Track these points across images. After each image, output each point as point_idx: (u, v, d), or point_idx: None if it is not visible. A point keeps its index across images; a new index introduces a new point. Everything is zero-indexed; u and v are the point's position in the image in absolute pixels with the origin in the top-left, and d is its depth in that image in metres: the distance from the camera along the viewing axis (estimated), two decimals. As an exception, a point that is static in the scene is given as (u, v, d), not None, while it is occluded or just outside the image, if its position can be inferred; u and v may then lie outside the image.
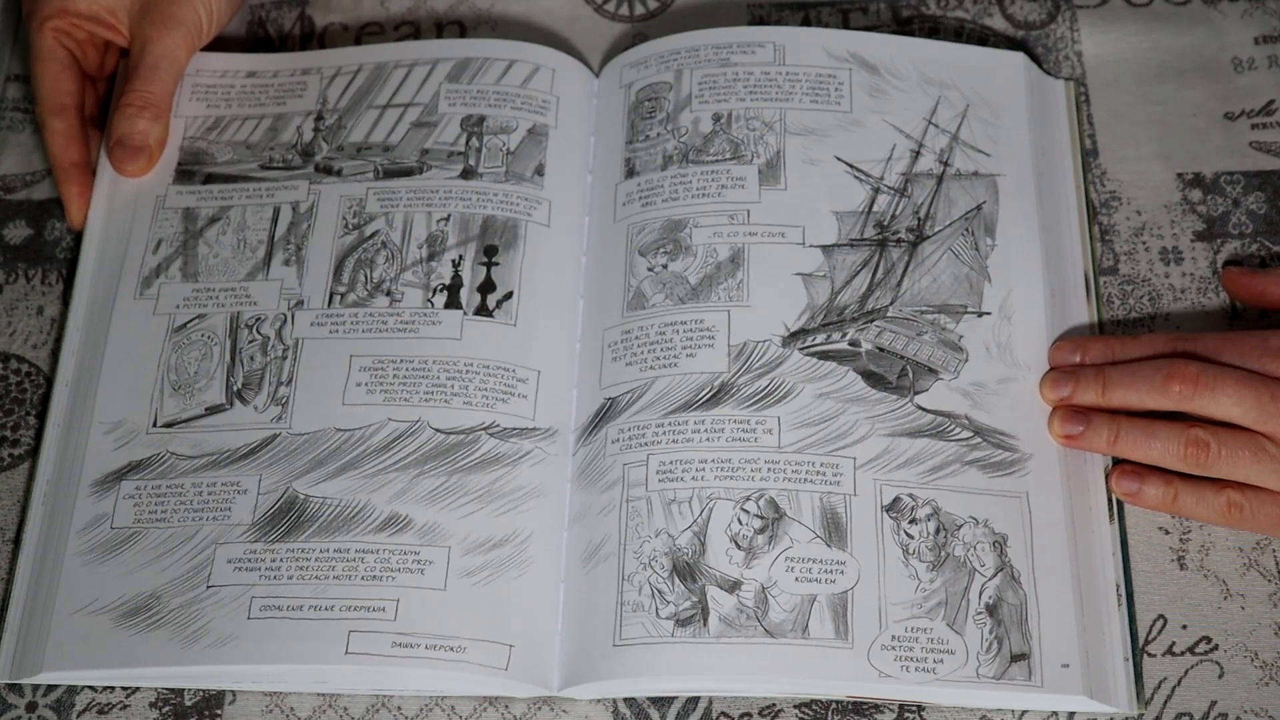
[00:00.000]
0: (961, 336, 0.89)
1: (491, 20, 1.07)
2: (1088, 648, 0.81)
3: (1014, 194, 0.93)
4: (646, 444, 0.86)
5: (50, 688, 0.85)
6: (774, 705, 0.83)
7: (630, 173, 0.96)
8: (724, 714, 0.83)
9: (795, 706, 0.83)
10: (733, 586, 0.82)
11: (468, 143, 0.97)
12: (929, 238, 0.92)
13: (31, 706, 0.84)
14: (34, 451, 0.91)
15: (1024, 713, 0.82)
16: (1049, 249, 0.92)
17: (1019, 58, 0.98)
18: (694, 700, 0.83)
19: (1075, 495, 0.85)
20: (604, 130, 0.98)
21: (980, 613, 0.81)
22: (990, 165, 0.94)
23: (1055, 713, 0.82)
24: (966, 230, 0.92)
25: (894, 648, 0.80)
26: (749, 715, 0.83)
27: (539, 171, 0.96)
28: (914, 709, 0.83)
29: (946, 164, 0.94)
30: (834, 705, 0.83)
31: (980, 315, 0.89)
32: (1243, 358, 0.84)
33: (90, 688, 0.84)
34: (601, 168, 0.97)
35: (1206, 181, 0.97)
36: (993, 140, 0.95)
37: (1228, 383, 0.82)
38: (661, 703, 0.84)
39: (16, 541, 0.88)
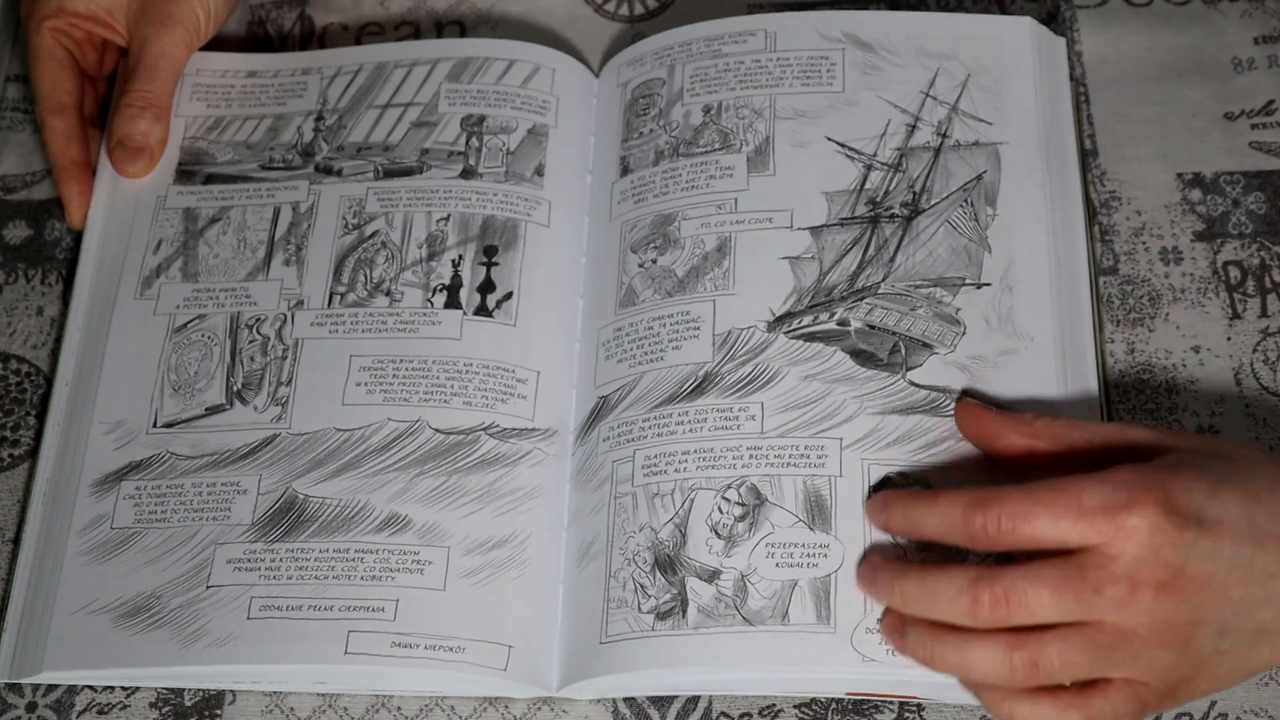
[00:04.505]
0: (959, 309, 0.87)
1: (491, 20, 1.07)
2: None
3: (1018, 161, 0.92)
4: (633, 440, 0.86)
5: (50, 688, 0.85)
6: (774, 705, 0.83)
7: (625, 171, 0.96)
8: (724, 714, 0.83)
9: (795, 706, 0.83)
10: (711, 576, 0.81)
11: (468, 143, 0.97)
12: (924, 211, 0.90)
13: (31, 706, 0.84)
14: (34, 451, 0.91)
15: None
16: (1056, 214, 0.91)
17: (1026, 22, 0.96)
18: (694, 700, 0.83)
19: None
20: (603, 130, 0.98)
21: None
22: (992, 134, 0.93)
23: None
24: (965, 201, 0.90)
25: (878, 631, 0.78)
26: (749, 715, 0.83)
27: (539, 172, 0.96)
28: (914, 708, 0.83)
29: (945, 136, 0.93)
30: (834, 705, 0.83)
31: (979, 287, 0.88)
32: (1056, 523, 0.72)
33: (90, 688, 0.85)
34: (600, 168, 0.97)
35: (1206, 181, 0.97)
36: (995, 108, 0.94)
37: (1042, 592, 0.72)
38: (661, 702, 0.84)
39: (16, 541, 0.88)
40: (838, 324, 0.87)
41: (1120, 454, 0.77)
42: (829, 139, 0.94)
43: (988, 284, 0.88)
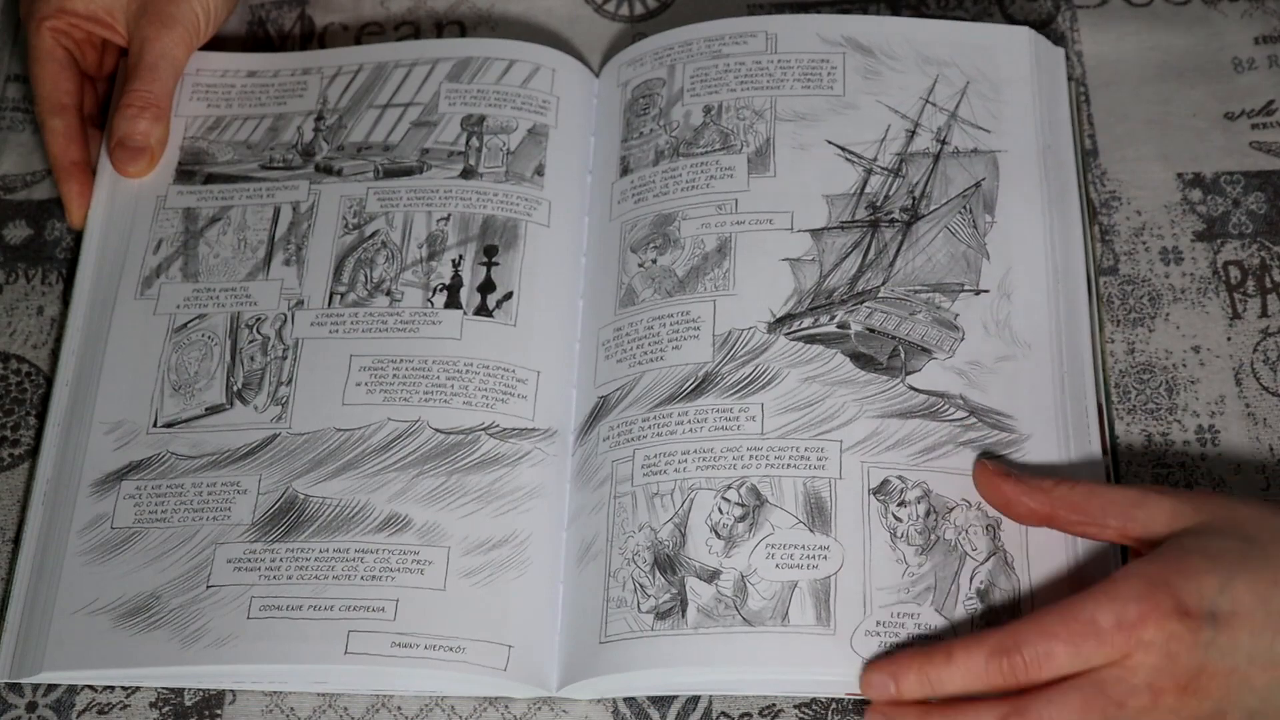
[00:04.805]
0: (958, 315, 0.87)
1: (491, 20, 1.07)
2: None
3: (1016, 170, 0.92)
4: (633, 439, 0.86)
5: (50, 687, 0.85)
6: (774, 705, 0.83)
7: (625, 170, 0.96)
8: (724, 714, 0.83)
9: (795, 706, 0.83)
10: (711, 576, 0.81)
11: (468, 142, 0.97)
12: (924, 217, 0.91)
13: (31, 706, 0.84)
14: (34, 451, 0.91)
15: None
16: (1055, 224, 0.91)
17: (1024, 32, 0.97)
18: (694, 700, 0.83)
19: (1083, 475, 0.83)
20: (603, 130, 0.98)
21: (971, 598, 0.80)
22: (991, 142, 0.93)
23: None
24: (964, 208, 0.91)
25: (879, 634, 0.78)
26: (749, 715, 0.83)
27: (539, 171, 0.96)
28: (914, 709, 0.83)
29: (944, 142, 0.93)
30: (834, 705, 0.83)
31: (978, 293, 0.88)
32: (1077, 652, 0.73)
33: (90, 688, 0.84)
34: (600, 168, 0.97)
35: (1206, 181, 0.97)
36: (994, 116, 0.94)
37: (1070, 718, 0.73)
38: (661, 702, 0.83)
39: (16, 541, 0.88)
40: (838, 327, 0.87)
41: (1139, 534, 0.77)
42: (829, 142, 0.94)
43: (986, 290, 0.88)
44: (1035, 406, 0.85)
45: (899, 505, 0.82)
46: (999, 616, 0.79)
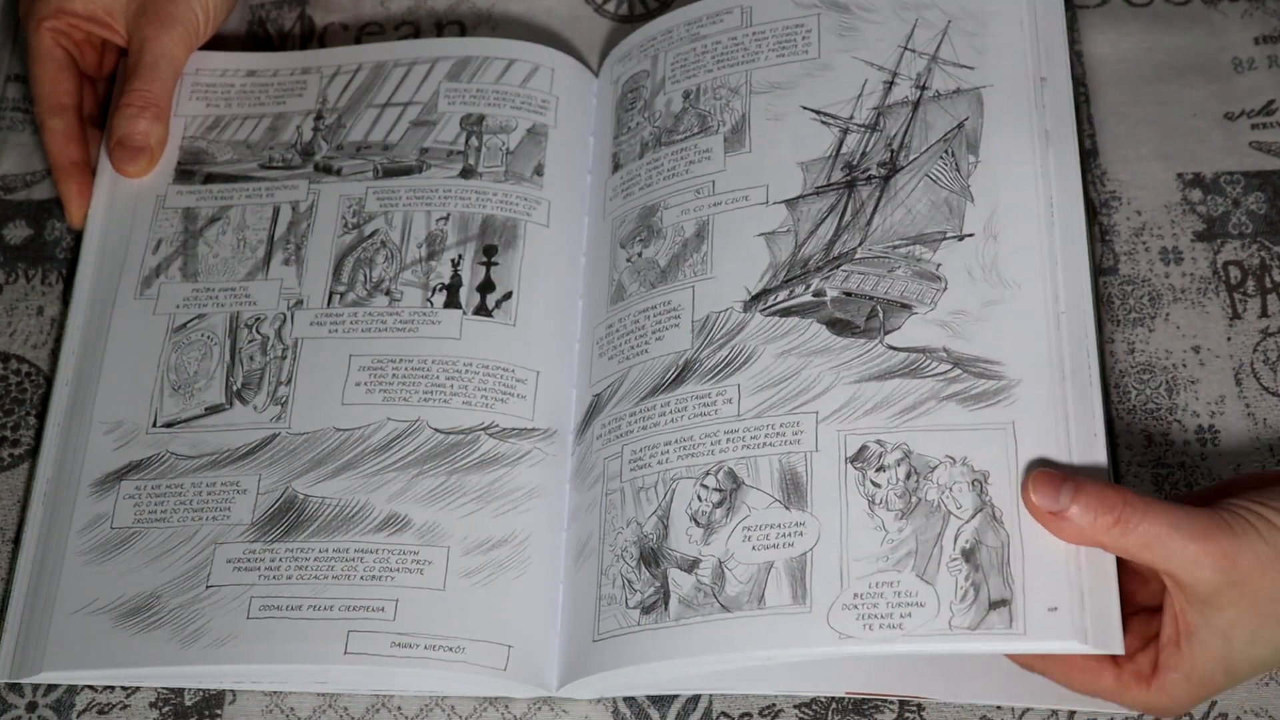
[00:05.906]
0: (940, 265, 0.84)
1: (491, 20, 1.07)
2: (1083, 588, 0.74)
3: (1003, 103, 0.88)
4: (621, 435, 0.85)
5: (50, 687, 0.85)
6: (774, 705, 0.83)
7: (616, 167, 0.95)
8: (724, 714, 0.83)
9: (795, 706, 0.83)
10: (691, 566, 0.80)
11: (467, 142, 0.97)
12: (903, 168, 0.88)
13: (31, 706, 0.84)
14: (34, 451, 0.91)
15: (1025, 711, 0.82)
16: (1047, 153, 0.86)
17: None
18: (694, 700, 0.83)
19: (1078, 418, 0.79)
20: (601, 129, 0.98)
21: (955, 559, 0.76)
22: (974, 79, 0.89)
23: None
24: (945, 152, 0.88)
25: (855, 606, 0.76)
26: (749, 715, 0.83)
27: (538, 171, 0.96)
28: (914, 708, 0.83)
29: (924, 88, 0.90)
30: (834, 704, 0.83)
31: (961, 239, 0.85)
32: None
33: (90, 688, 0.85)
34: (598, 167, 0.97)
35: (1206, 181, 0.97)
36: (978, 52, 0.90)
37: None
38: (661, 702, 0.83)
39: (16, 541, 0.88)
40: (813, 295, 0.85)
41: (1185, 588, 0.74)
42: (804, 108, 0.92)
43: (970, 234, 0.85)
44: (1026, 348, 0.81)
45: (877, 470, 0.79)
46: (986, 576, 0.76)
